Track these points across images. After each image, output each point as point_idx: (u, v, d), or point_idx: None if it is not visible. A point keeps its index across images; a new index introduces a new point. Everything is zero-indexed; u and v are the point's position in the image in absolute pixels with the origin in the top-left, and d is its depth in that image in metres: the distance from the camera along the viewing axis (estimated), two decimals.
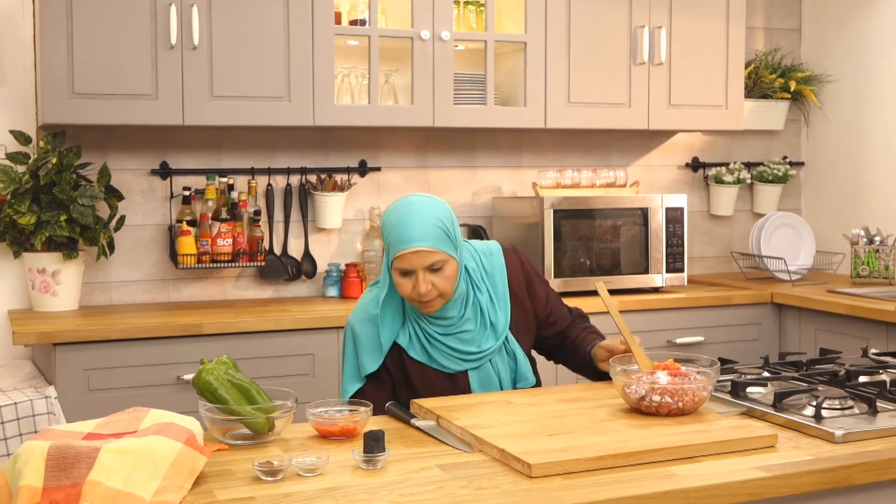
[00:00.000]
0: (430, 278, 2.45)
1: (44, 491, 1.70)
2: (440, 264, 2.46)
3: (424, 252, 2.43)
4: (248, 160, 4.16)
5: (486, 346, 2.57)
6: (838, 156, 4.96)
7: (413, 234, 2.44)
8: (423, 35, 3.99)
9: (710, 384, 2.22)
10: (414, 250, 2.43)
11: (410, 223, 2.45)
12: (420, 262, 2.44)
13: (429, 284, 2.45)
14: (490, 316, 2.58)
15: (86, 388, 3.39)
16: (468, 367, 2.55)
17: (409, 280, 2.46)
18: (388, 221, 2.50)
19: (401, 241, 2.44)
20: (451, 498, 1.74)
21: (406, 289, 2.47)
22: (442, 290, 2.47)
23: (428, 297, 2.46)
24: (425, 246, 2.43)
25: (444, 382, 2.55)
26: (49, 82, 3.55)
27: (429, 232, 2.44)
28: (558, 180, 4.39)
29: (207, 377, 2.13)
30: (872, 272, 4.41)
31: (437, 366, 2.55)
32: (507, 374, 2.60)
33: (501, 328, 2.59)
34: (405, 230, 2.44)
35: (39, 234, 3.65)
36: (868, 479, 1.95)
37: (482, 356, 2.56)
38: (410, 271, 2.45)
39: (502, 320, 2.59)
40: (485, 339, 2.57)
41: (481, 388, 2.56)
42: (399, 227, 2.46)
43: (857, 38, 4.83)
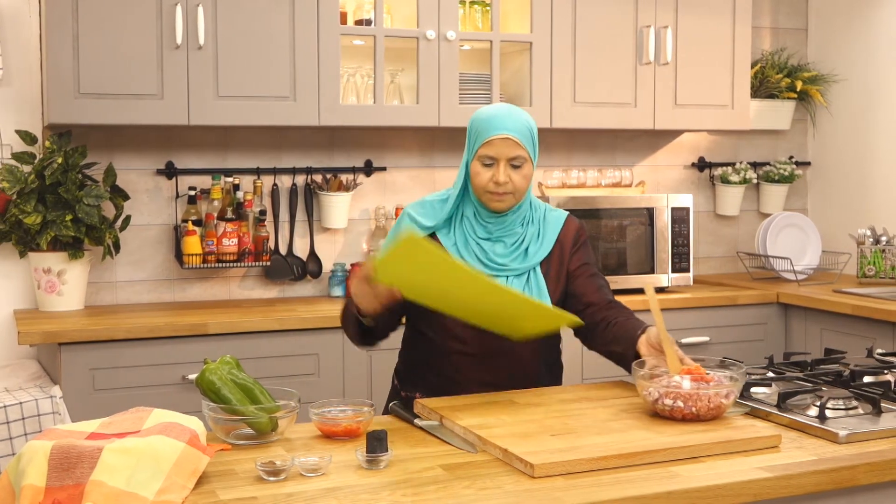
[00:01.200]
0: (509, 171, 2.51)
1: (46, 490, 1.70)
2: (521, 161, 2.52)
3: (513, 142, 2.51)
4: (253, 160, 4.16)
5: (511, 265, 2.58)
6: (845, 156, 4.95)
7: (507, 124, 2.52)
8: (428, 35, 3.99)
9: (730, 391, 2.17)
10: (503, 136, 2.50)
11: (504, 116, 2.54)
12: (506, 152, 2.51)
13: (507, 176, 2.51)
14: (529, 245, 2.61)
15: (91, 387, 3.39)
16: (485, 272, 2.54)
17: (490, 170, 2.52)
18: (479, 115, 2.57)
19: (492, 128, 2.51)
20: (454, 498, 1.74)
21: (484, 177, 2.52)
22: (517, 187, 2.53)
23: (504, 189, 2.52)
24: (515, 136, 2.51)
25: None
26: (55, 82, 3.56)
27: (520, 127, 2.53)
28: (564, 180, 4.39)
29: (211, 377, 2.12)
30: (879, 272, 4.40)
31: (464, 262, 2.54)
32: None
33: (533, 260, 2.60)
34: (499, 120, 2.52)
35: (45, 234, 3.65)
36: (871, 480, 1.94)
37: (502, 269, 2.57)
38: (494, 160, 2.51)
39: (538, 254, 2.61)
40: (513, 259, 2.59)
41: None
42: (493, 118, 2.53)
43: (864, 37, 4.82)
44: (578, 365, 3.99)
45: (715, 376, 2.22)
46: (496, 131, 2.51)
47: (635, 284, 4.24)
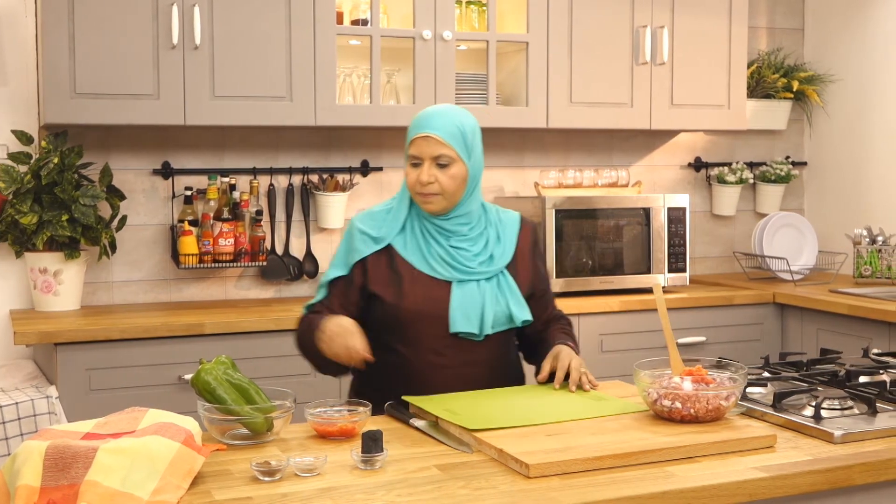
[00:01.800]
0: (434, 171, 2.49)
1: (41, 491, 1.70)
2: (447, 160, 2.49)
3: (435, 140, 2.49)
4: (249, 160, 4.16)
5: (479, 269, 2.54)
6: (841, 156, 4.96)
7: (430, 123, 2.51)
8: (425, 35, 3.99)
9: (731, 394, 2.15)
10: (424, 135, 2.49)
11: (432, 115, 2.53)
12: (428, 151, 2.49)
13: (432, 176, 2.48)
14: (493, 250, 2.59)
15: (87, 387, 3.39)
16: (455, 277, 2.51)
17: (417, 170, 2.51)
18: (415, 116, 2.57)
19: (417, 128, 2.52)
20: (449, 498, 1.74)
21: (411, 178, 2.52)
22: (444, 188, 2.49)
23: (429, 190, 2.49)
24: (437, 135, 2.48)
25: (428, 289, 2.51)
26: (51, 82, 3.55)
27: (445, 126, 2.50)
28: (560, 180, 4.39)
29: (206, 377, 2.13)
30: (875, 272, 4.40)
31: (428, 269, 2.52)
32: (493, 303, 2.53)
33: (499, 263, 2.58)
34: (425, 119, 2.52)
35: (41, 234, 3.65)
36: (867, 480, 1.95)
37: (471, 272, 2.53)
38: (419, 160, 2.50)
39: (502, 258, 2.59)
40: (480, 264, 2.55)
41: (461, 303, 2.50)
42: (421, 118, 2.54)
43: (860, 37, 4.82)
44: None
45: (716, 378, 2.22)
46: (420, 130, 2.51)
47: (632, 285, 4.24)
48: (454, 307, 2.50)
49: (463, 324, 2.50)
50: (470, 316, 2.51)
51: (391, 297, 2.52)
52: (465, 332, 2.50)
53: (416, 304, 2.50)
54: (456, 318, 2.50)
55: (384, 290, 2.53)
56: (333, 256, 2.63)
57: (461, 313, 2.50)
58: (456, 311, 2.50)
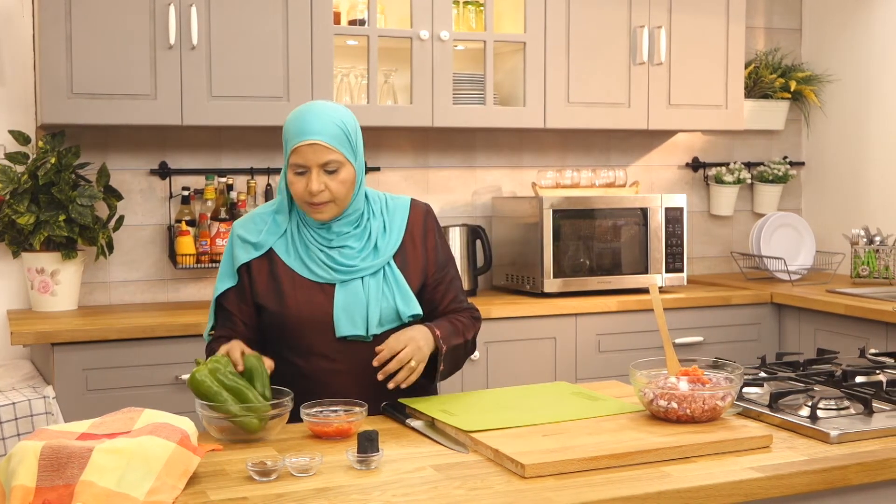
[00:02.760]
0: (323, 179, 2.36)
1: (37, 491, 1.70)
2: (336, 165, 2.36)
3: (321, 147, 2.35)
4: (247, 160, 4.16)
5: (362, 265, 2.44)
6: (839, 156, 4.96)
7: (312, 128, 2.35)
8: (422, 35, 3.99)
9: (727, 394, 2.15)
10: (310, 143, 2.34)
11: (310, 118, 2.37)
12: (315, 158, 2.35)
13: (322, 184, 2.35)
14: (377, 240, 2.47)
15: (84, 388, 3.39)
16: (336, 278, 2.41)
17: (303, 178, 2.36)
18: (289, 118, 2.41)
19: (298, 134, 2.35)
20: (445, 498, 1.74)
21: (298, 187, 2.37)
22: (335, 194, 2.37)
23: (320, 199, 2.36)
24: (323, 140, 2.35)
25: (310, 294, 2.42)
26: (48, 82, 3.55)
27: (328, 129, 2.36)
28: (558, 180, 4.39)
29: (202, 377, 2.13)
30: (872, 272, 4.41)
31: (308, 273, 2.42)
32: (378, 300, 2.42)
33: (385, 254, 2.46)
34: (304, 124, 2.36)
35: (38, 234, 3.65)
36: (863, 480, 1.95)
37: (353, 271, 2.43)
38: (305, 168, 2.36)
39: (388, 248, 2.48)
40: (363, 259, 2.45)
41: (345, 305, 2.40)
42: (298, 122, 2.37)
43: (858, 37, 4.82)
44: (573, 364, 3.99)
45: (712, 378, 2.22)
46: (302, 137, 2.35)
47: (630, 284, 4.24)
48: (338, 310, 2.40)
49: (348, 327, 2.40)
50: (354, 318, 2.40)
51: (274, 306, 2.41)
52: (351, 335, 2.40)
53: (300, 310, 2.40)
54: (341, 322, 2.40)
55: (266, 299, 2.43)
56: (219, 269, 2.51)
57: (346, 316, 2.40)
58: (340, 314, 2.40)
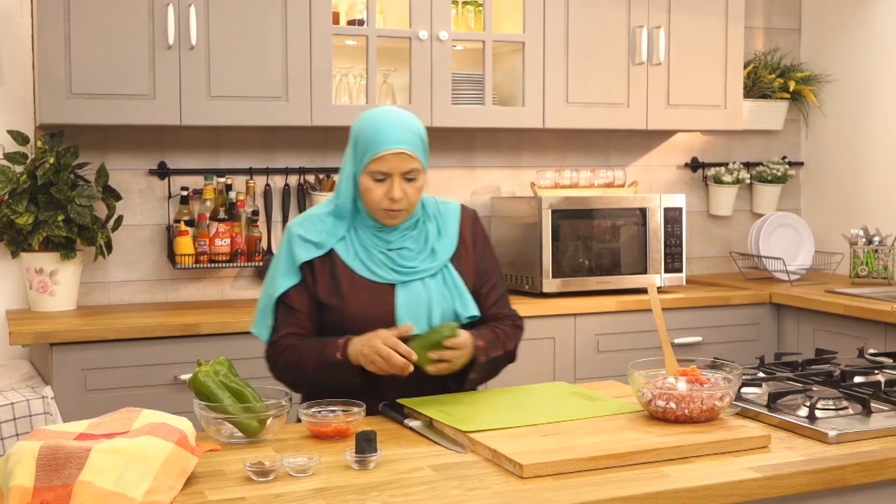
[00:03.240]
0: (403, 186, 2.39)
1: (35, 491, 1.70)
2: (415, 174, 2.40)
3: (406, 155, 2.38)
4: (246, 160, 4.16)
5: (422, 266, 2.47)
6: (838, 156, 4.96)
7: (397, 136, 2.37)
8: (421, 35, 3.99)
9: (725, 394, 2.15)
10: (396, 152, 2.37)
11: (392, 126, 2.39)
12: (399, 166, 2.38)
13: (402, 192, 2.39)
14: (433, 244, 2.50)
15: (83, 388, 3.39)
16: (397, 279, 2.44)
17: (382, 186, 2.39)
18: (364, 125, 2.42)
19: (383, 142, 2.37)
20: (443, 499, 1.74)
21: (377, 194, 2.39)
22: (411, 202, 2.41)
23: (399, 206, 2.40)
24: (407, 149, 2.38)
25: (372, 294, 2.44)
26: (47, 82, 3.55)
27: (411, 138, 2.40)
28: (557, 180, 4.39)
29: (204, 379, 2.13)
30: (871, 272, 4.40)
31: (369, 274, 2.44)
32: (440, 300, 2.46)
33: (442, 257, 2.50)
34: (388, 132, 2.38)
35: (37, 234, 3.65)
36: (861, 480, 1.95)
37: (414, 272, 2.45)
38: (386, 175, 2.38)
39: (445, 251, 2.51)
40: (422, 261, 2.47)
41: (407, 305, 2.43)
42: (381, 130, 2.39)
43: (857, 37, 4.82)
44: (572, 364, 3.99)
45: (710, 378, 2.22)
46: (388, 145, 2.37)
47: (628, 285, 4.24)
48: (400, 310, 2.43)
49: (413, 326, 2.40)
50: (417, 317, 2.43)
51: (336, 304, 2.43)
52: (413, 334, 2.39)
53: (361, 309, 2.42)
54: (403, 321, 2.41)
55: (328, 297, 2.44)
56: (273, 268, 2.50)
57: (408, 315, 2.43)
58: (403, 313, 2.43)
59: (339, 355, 2.36)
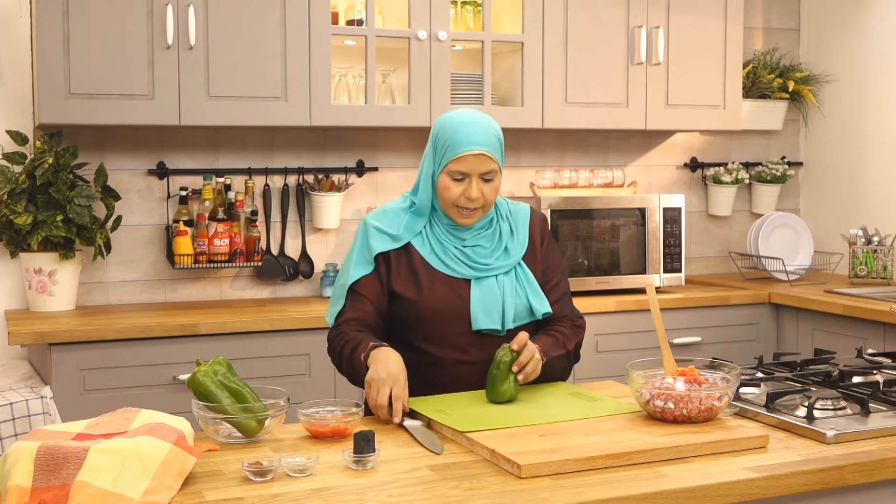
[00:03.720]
0: (481, 186, 2.46)
1: (32, 491, 1.70)
2: (493, 175, 2.48)
3: (485, 157, 2.45)
4: (245, 160, 4.16)
5: (496, 263, 2.54)
6: (837, 156, 4.96)
7: (477, 138, 2.45)
8: (420, 35, 3.99)
9: (723, 394, 2.15)
10: (477, 153, 2.44)
11: (474, 129, 2.46)
12: (478, 167, 2.45)
13: (479, 192, 2.46)
14: (506, 242, 2.58)
15: (81, 388, 3.39)
16: (472, 274, 2.51)
17: (461, 185, 2.46)
18: (447, 125, 2.49)
19: (465, 143, 2.44)
20: (441, 499, 1.74)
21: (454, 192, 2.46)
22: (487, 201, 2.49)
23: (476, 204, 2.47)
24: (488, 151, 2.45)
25: (448, 287, 2.50)
26: (46, 82, 3.55)
27: (490, 140, 2.47)
28: (556, 180, 4.39)
29: (203, 379, 2.12)
30: (871, 272, 4.40)
31: (445, 268, 2.51)
32: (513, 297, 2.53)
33: (515, 255, 2.57)
34: (470, 133, 2.45)
35: (36, 234, 3.65)
36: (859, 480, 1.95)
37: (489, 269, 2.53)
38: (465, 175, 2.45)
39: (517, 250, 2.58)
40: (496, 258, 2.55)
41: (481, 300, 2.50)
42: (460, 131, 2.46)
43: (856, 37, 4.82)
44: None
45: (709, 378, 2.22)
46: (468, 147, 2.44)
47: (628, 285, 4.24)
48: (475, 304, 2.50)
49: (485, 321, 2.49)
50: (491, 312, 2.50)
51: (412, 295, 2.50)
52: (487, 328, 2.49)
53: (437, 302, 2.49)
54: (478, 315, 2.49)
55: (405, 289, 2.51)
56: (348, 258, 2.58)
57: (482, 310, 2.50)
58: (477, 308, 2.49)
59: (363, 357, 2.40)
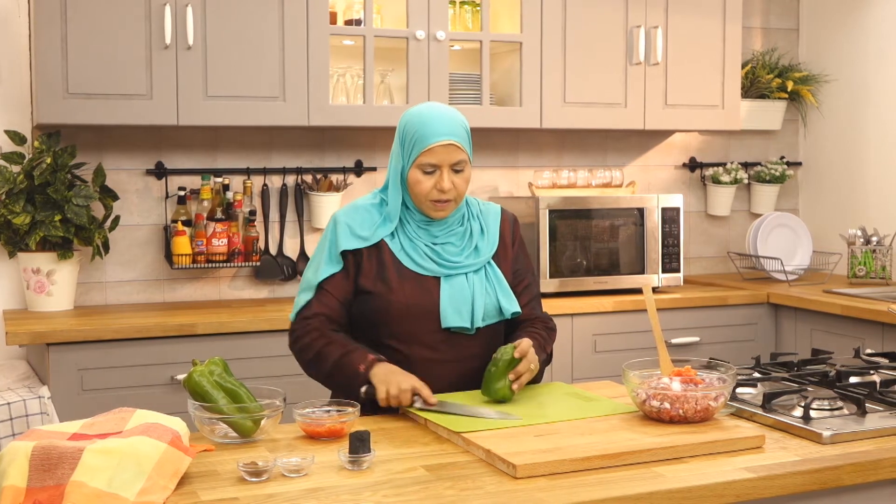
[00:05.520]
0: (452, 177, 2.46)
1: (27, 491, 1.70)
2: (463, 165, 2.48)
3: (454, 147, 2.46)
4: (243, 160, 4.16)
5: (465, 262, 2.53)
6: (836, 156, 4.96)
7: (445, 129, 2.45)
8: (418, 35, 3.99)
9: (719, 394, 2.14)
10: (445, 143, 2.44)
11: (441, 120, 2.47)
12: (448, 158, 2.45)
13: (451, 183, 2.46)
14: (477, 241, 2.57)
15: (79, 388, 3.39)
16: (442, 272, 2.49)
17: (431, 178, 2.46)
18: (414, 119, 2.48)
19: (433, 134, 2.44)
20: (436, 499, 1.74)
21: (426, 186, 2.46)
22: (459, 192, 2.49)
23: (448, 197, 2.46)
24: (456, 141, 2.46)
25: (418, 285, 2.49)
26: (44, 82, 3.55)
27: (458, 130, 2.47)
28: (554, 180, 4.39)
29: (199, 379, 2.13)
30: (869, 272, 4.40)
31: (415, 266, 2.49)
32: (482, 295, 2.52)
33: (485, 254, 2.56)
34: (436, 125, 2.45)
35: (34, 234, 3.65)
36: (855, 480, 1.94)
37: (458, 267, 2.51)
38: (436, 167, 2.45)
39: (487, 249, 2.57)
40: (466, 256, 2.54)
41: (451, 297, 2.49)
42: (428, 123, 2.46)
43: (855, 38, 4.82)
44: (569, 365, 3.99)
45: (705, 378, 2.22)
46: (437, 138, 2.44)
47: (626, 285, 4.24)
48: (444, 302, 2.48)
49: (454, 318, 2.48)
50: (461, 310, 2.49)
51: (381, 292, 2.48)
52: (457, 326, 2.49)
53: (407, 299, 2.47)
54: (447, 313, 2.48)
55: (374, 285, 2.49)
56: (316, 255, 2.56)
57: (452, 308, 2.49)
58: (447, 305, 2.48)
59: (362, 368, 2.39)
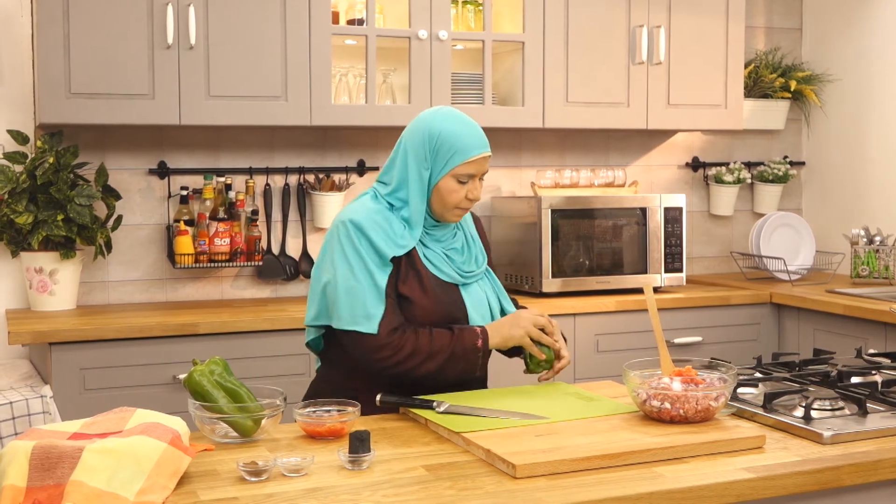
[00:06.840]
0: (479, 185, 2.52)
1: (27, 491, 1.70)
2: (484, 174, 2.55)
3: (488, 158, 2.52)
4: (245, 160, 4.16)
5: (476, 269, 2.59)
6: (839, 156, 4.95)
7: (481, 141, 2.50)
8: (420, 35, 3.99)
9: (720, 394, 2.14)
10: (486, 156, 2.50)
11: (475, 129, 2.50)
12: (482, 168, 2.51)
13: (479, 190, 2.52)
14: (473, 249, 2.62)
15: (81, 387, 3.39)
16: (461, 280, 2.54)
17: (464, 187, 2.48)
18: (448, 129, 2.46)
19: (474, 147, 2.47)
20: (435, 499, 1.74)
21: (460, 195, 2.48)
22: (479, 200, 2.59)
23: (475, 203, 2.53)
24: (490, 153, 2.52)
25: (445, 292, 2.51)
26: (46, 82, 3.55)
27: (487, 141, 2.53)
28: (557, 180, 4.39)
29: (199, 378, 2.13)
30: (872, 272, 4.40)
31: (438, 272, 2.51)
32: (494, 299, 2.62)
33: (482, 260, 2.63)
34: (476, 137, 2.49)
35: (36, 234, 3.65)
36: (856, 481, 1.94)
37: (472, 275, 2.57)
38: (471, 177, 2.49)
39: (482, 256, 2.64)
40: (472, 264, 2.59)
41: (474, 304, 2.55)
42: (464, 135, 2.47)
43: (859, 37, 4.81)
44: (571, 364, 3.99)
45: (706, 378, 2.21)
46: (479, 150, 2.47)
47: (629, 284, 4.24)
48: (471, 308, 2.55)
49: (480, 323, 2.54)
50: (484, 315, 2.57)
51: (418, 298, 2.47)
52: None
53: (443, 306, 2.50)
54: (474, 319, 2.54)
55: (411, 292, 2.47)
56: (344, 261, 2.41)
57: (477, 314, 2.55)
58: (473, 312, 2.55)
59: (479, 343, 2.45)
